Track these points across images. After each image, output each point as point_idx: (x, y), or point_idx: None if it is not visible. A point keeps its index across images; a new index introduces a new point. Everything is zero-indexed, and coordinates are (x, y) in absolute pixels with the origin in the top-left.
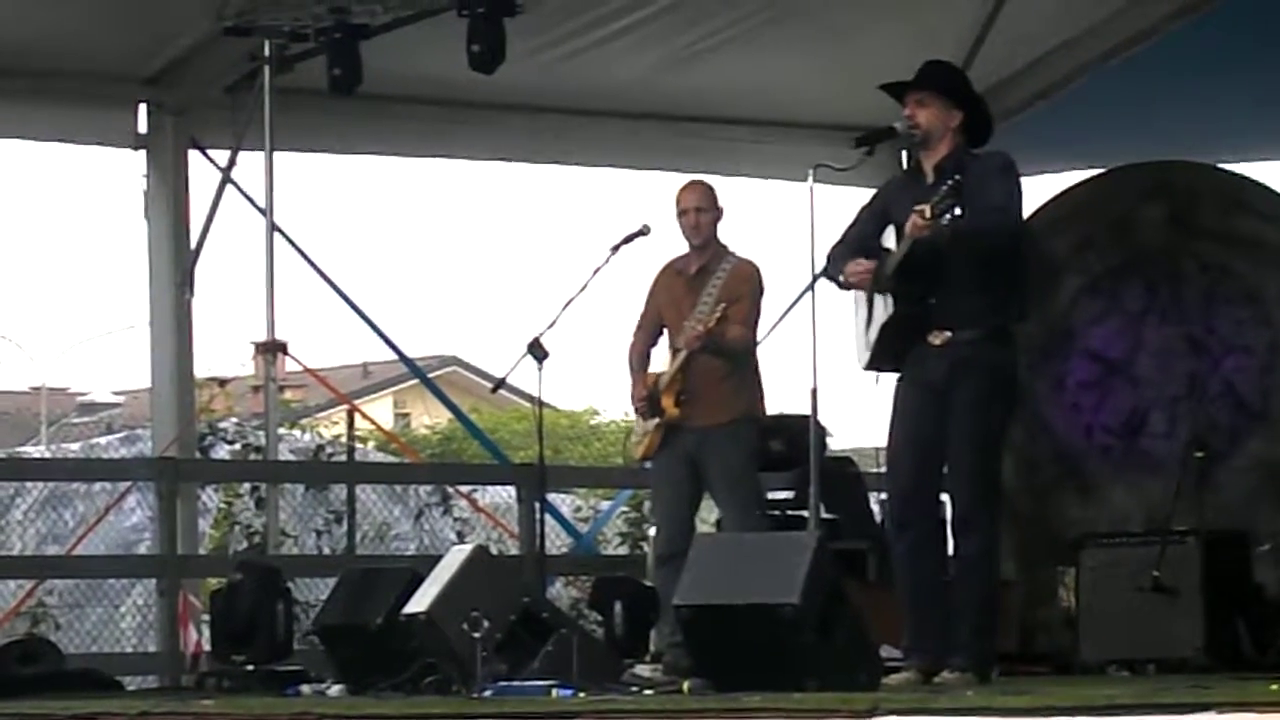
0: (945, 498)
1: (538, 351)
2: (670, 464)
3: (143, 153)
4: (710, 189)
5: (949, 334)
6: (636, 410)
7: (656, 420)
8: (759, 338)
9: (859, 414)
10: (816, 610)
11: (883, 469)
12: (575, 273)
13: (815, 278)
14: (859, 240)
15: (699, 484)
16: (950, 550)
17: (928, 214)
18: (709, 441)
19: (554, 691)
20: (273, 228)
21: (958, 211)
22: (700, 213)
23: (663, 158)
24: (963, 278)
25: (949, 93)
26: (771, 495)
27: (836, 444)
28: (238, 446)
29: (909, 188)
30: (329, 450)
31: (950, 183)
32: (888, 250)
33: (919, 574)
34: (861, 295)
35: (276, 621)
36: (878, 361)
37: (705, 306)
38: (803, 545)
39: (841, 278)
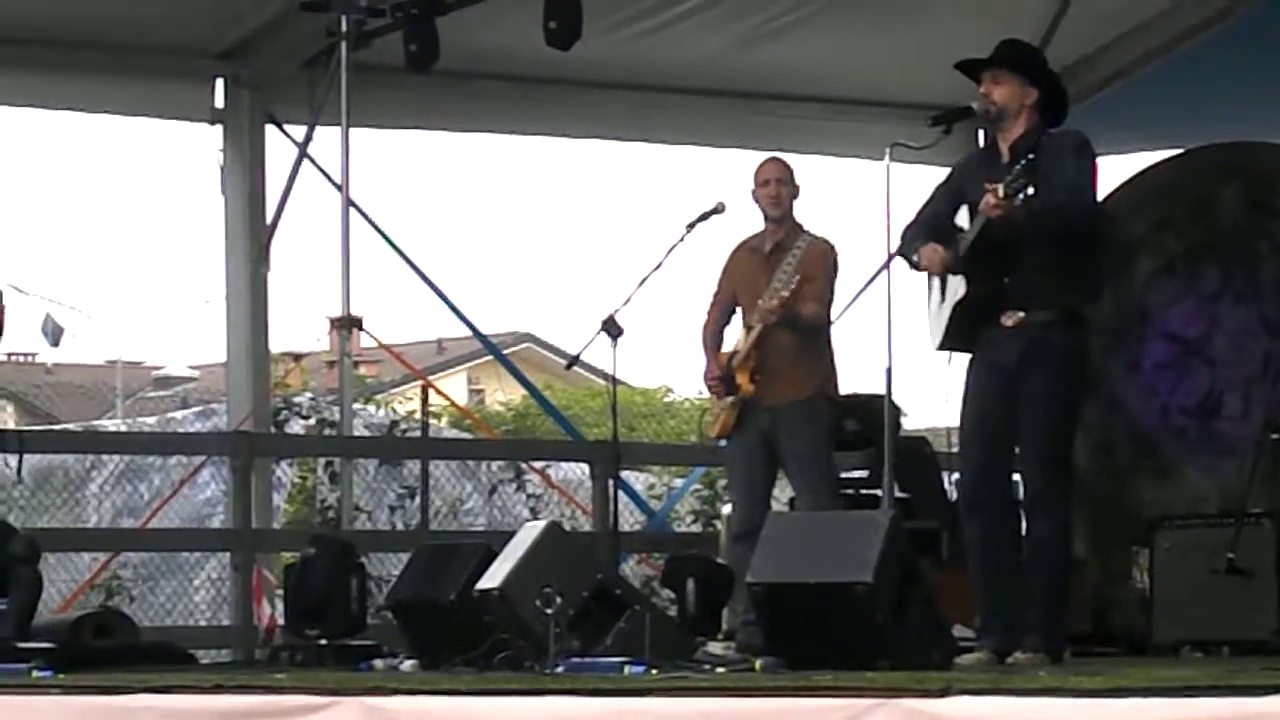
0: (1017, 478)
1: (612, 329)
2: (746, 442)
3: (219, 127)
4: (787, 166)
5: (1022, 315)
6: (710, 389)
7: (732, 398)
8: (833, 316)
9: (933, 394)
10: (889, 589)
11: (956, 449)
12: (650, 250)
13: (890, 257)
14: (933, 219)
15: (774, 462)
16: (1022, 531)
17: (1000, 193)
18: (784, 419)
19: (626, 669)
20: (348, 203)
21: (1030, 191)
22: (781, 184)
23: (738, 136)
24: (1036, 258)
25: (1025, 71)
26: (845, 474)
27: (911, 424)
28: (312, 421)
29: (984, 166)
30: (403, 426)
31: (1024, 162)
32: (961, 230)
33: (991, 554)
34: (934, 276)
35: (350, 596)
36: (951, 342)
37: (780, 283)
38: (876, 524)
39: (916, 258)
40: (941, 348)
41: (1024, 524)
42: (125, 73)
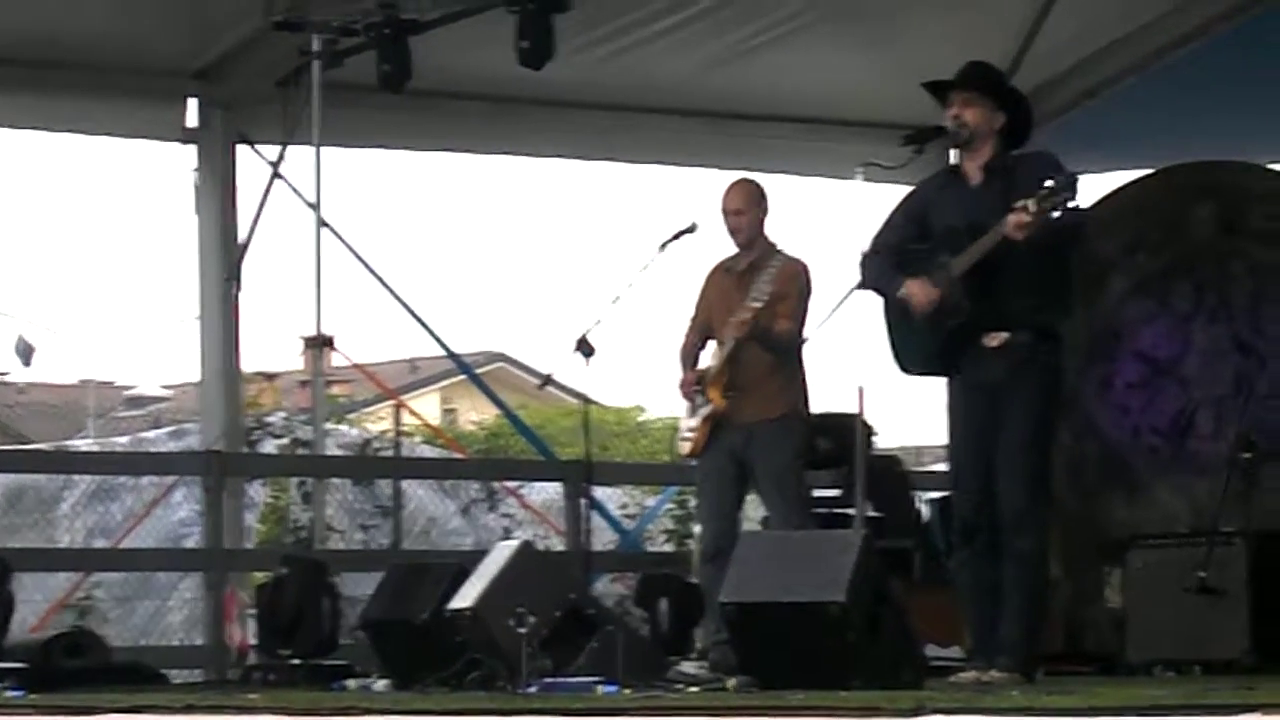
0: None
1: (585, 348)
2: (716, 461)
3: (192, 147)
4: (753, 189)
5: (1005, 335)
6: (685, 396)
7: (703, 414)
8: (805, 336)
9: (905, 413)
10: (862, 609)
11: (928, 468)
12: (623, 270)
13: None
14: (897, 247)
15: (745, 481)
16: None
17: (1032, 209)
18: (756, 438)
19: (599, 688)
20: (321, 223)
21: (1071, 204)
22: (740, 215)
23: (711, 155)
24: (1016, 278)
25: (993, 94)
26: (818, 493)
27: (883, 442)
28: (285, 441)
29: (950, 189)
30: (376, 445)
31: (1062, 178)
32: (914, 249)
33: (987, 578)
34: (889, 300)
35: (322, 616)
36: (932, 366)
37: (754, 301)
38: (848, 544)
39: (902, 292)
40: (917, 372)
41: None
42: (98, 92)
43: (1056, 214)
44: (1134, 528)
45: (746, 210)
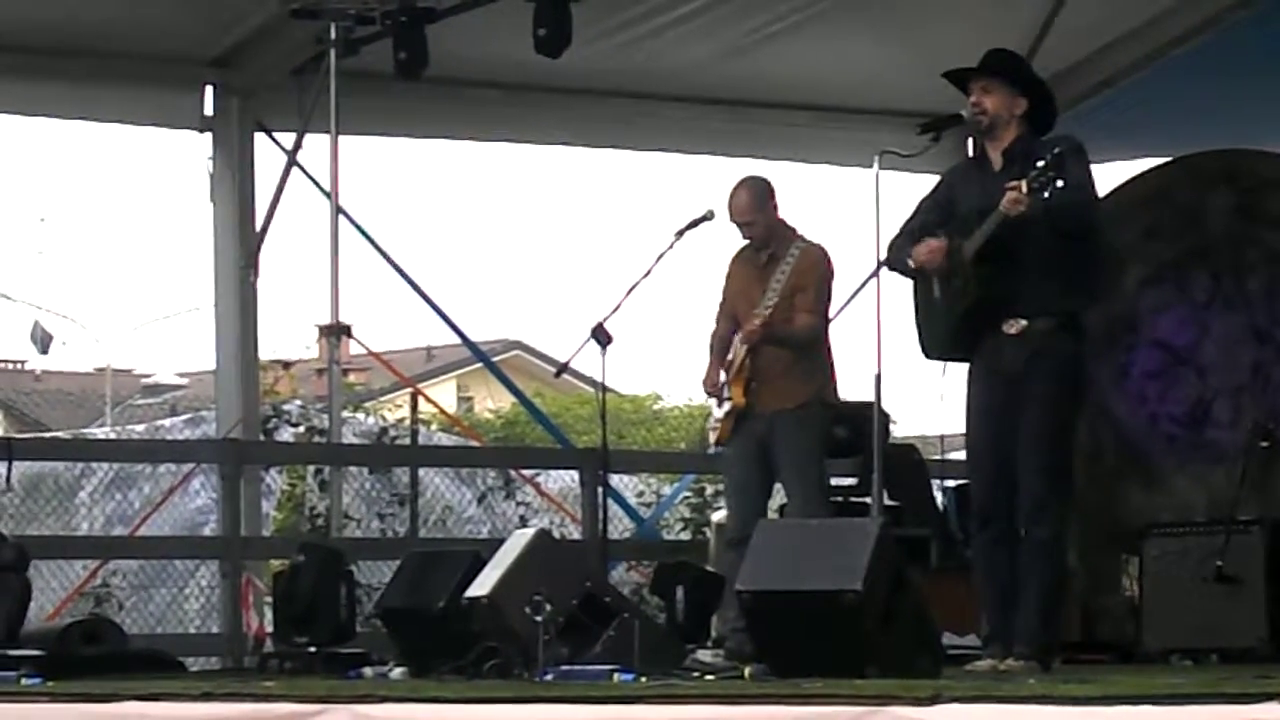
0: None
1: (601, 336)
2: (742, 448)
3: (208, 135)
4: (756, 192)
5: (1024, 323)
6: (709, 394)
7: (726, 409)
8: (830, 319)
9: (923, 401)
10: (879, 597)
11: (945, 456)
12: (639, 258)
13: (880, 265)
14: (921, 230)
15: (770, 468)
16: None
17: (1025, 188)
18: (778, 426)
19: (615, 676)
20: (337, 211)
21: (1060, 184)
22: (750, 225)
23: (728, 143)
24: (1037, 263)
25: (1014, 80)
26: (835, 481)
27: (900, 431)
28: (301, 429)
29: (974, 175)
30: (392, 433)
31: (1050, 156)
32: (935, 233)
33: (1002, 565)
34: (918, 283)
35: (339, 604)
36: (951, 350)
37: (773, 294)
38: (866, 532)
39: (911, 261)
40: (938, 356)
41: (1022, 530)
42: (115, 80)
43: (1045, 195)
44: (1151, 516)
45: (754, 217)
